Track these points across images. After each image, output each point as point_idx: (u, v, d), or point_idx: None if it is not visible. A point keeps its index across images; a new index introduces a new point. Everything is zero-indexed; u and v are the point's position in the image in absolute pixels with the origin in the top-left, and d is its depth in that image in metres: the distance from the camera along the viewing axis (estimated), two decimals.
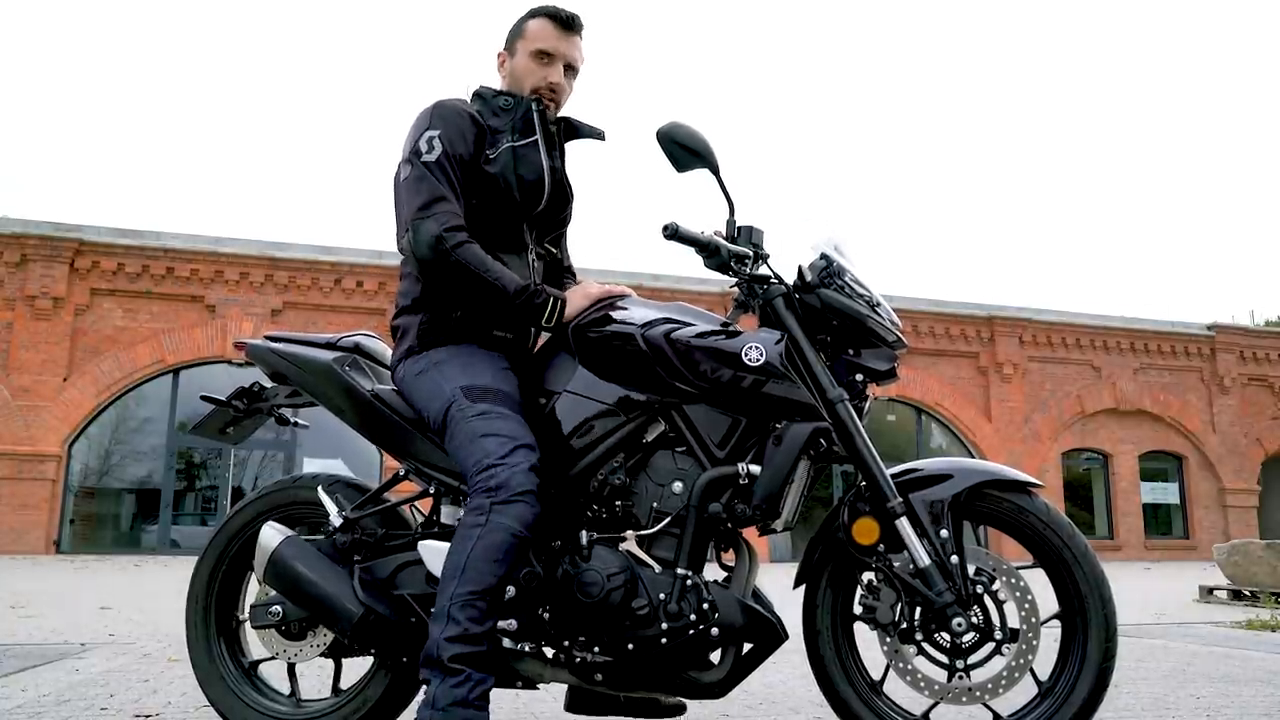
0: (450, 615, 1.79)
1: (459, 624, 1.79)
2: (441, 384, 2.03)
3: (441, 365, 2.06)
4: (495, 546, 1.82)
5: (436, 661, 1.78)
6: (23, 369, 14.13)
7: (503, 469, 1.88)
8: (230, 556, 2.26)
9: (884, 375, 2.00)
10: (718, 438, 1.94)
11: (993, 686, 1.86)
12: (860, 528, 1.91)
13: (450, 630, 1.78)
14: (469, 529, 1.85)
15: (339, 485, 2.21)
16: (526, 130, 2.17)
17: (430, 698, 1.77)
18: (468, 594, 1.80)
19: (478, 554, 1.82)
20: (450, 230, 2.00)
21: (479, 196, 2.11)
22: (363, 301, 15.79)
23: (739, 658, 1.92)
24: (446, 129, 2.08)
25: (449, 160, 2.06)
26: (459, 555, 1.84)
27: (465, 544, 1.84)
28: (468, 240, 2.02)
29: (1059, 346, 19.92)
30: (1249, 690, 3.21)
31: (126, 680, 3.12)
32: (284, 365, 2.23)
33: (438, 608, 1.82)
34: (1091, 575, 1.86)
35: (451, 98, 2.18)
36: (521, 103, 2.19)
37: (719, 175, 2.01)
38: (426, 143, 2.06)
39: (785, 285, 2.03)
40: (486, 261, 2.02)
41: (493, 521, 1.83)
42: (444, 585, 1.84)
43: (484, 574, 1.82)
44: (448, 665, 1.77)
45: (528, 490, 1.87)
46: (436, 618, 1.81)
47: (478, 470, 1.89)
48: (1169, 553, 19.61)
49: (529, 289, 2.03)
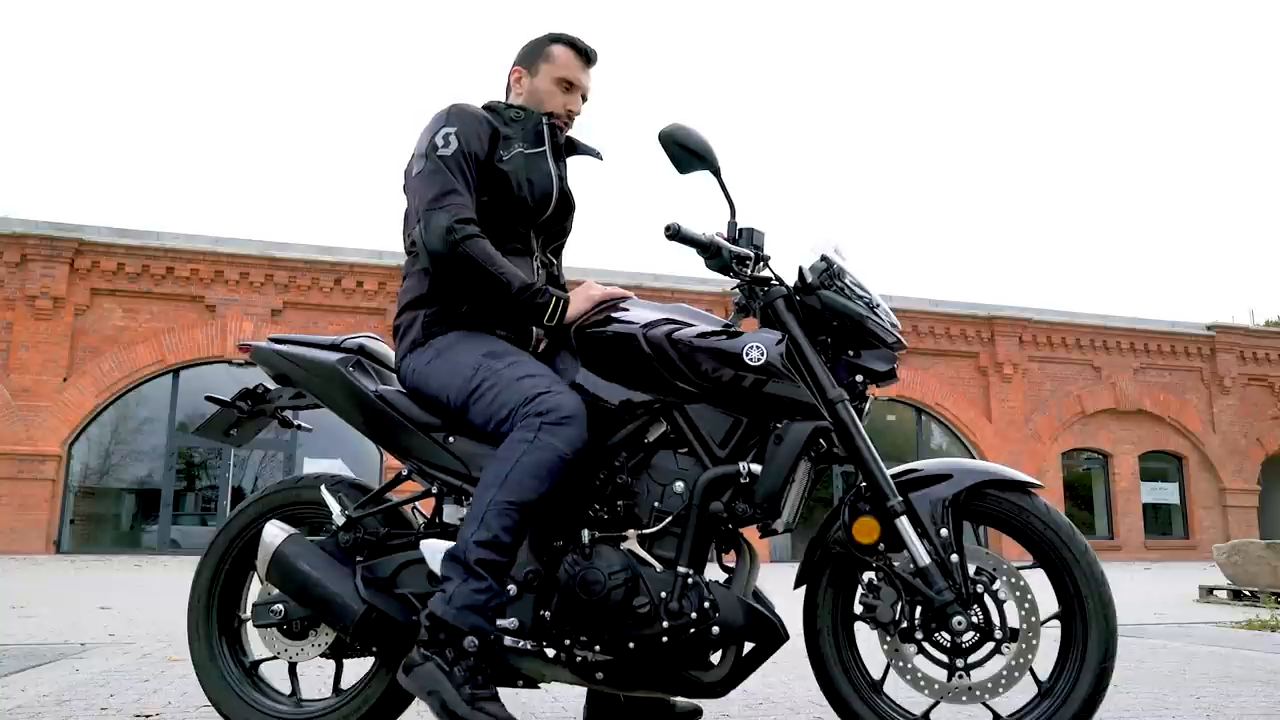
0: (484, 520, 1.86)
1: (491, 530, 1.85)
2: (458, 360, 2.06)
3: (454, 346, 2.09)
4: (540, 464, 1.88)
5: (463, 562, 1.85)
6: (23, 369, 14.13)
7: (551, 395, 1.94)
8: (232, 557, 2.26)
9: (884, 376, 2.01)
10: (719, 437, 1.95)
11: (992, 686, 1.86)
12: (860, 527, 1.91)
13: (481, 534, 1.85)
14: (517, 443, 1.90)
15: (342, 485, 2.22)
16: (537, 142, 2.23)
17: (448, 595, 1.83)
18: (506, 503, 1.86)
19: (523, 467, 1.87)
20: (461, 222, 2.04)
21: (491, 194, 2.14)
22: (363, 301, 15.79)
23: (740, 657, 1.93)
24: (463, 127, 2.13)
25: (464, 157, 2.10)
26: (503, 466, 1.89)
27: (511, 456, 1.89)
28: (478, 234, 2.05)
29: (1059, 346, 19.92)
30: (1249, 690, 3.21)
31: (126, 680, 3.13)
32: (288, 367, 2.24)
33: (473, 511, 1.88)
34: (1091, 575, 1.86)
35: (466, 102, 2.23)
36: (533, 116, 2.26)
37: (720, 177, 2.03)
38: (443, 138, 2.11)
39: (786, 287, 2.04)
40: (494, 256, 2.05)
41: (541, 439, 1.89)
42: (482, 492, 1.89)
43: (525, 488, 1.87)
44: (473, 567, 1.84)
45: (578, 415, 1.93)
46: (470, 521, 1.88)
47: (524, 402, 1.94)
48: (1169, 553, 19.61)
49: (533, 286, 2.06)
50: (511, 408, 1.96)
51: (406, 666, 1.86)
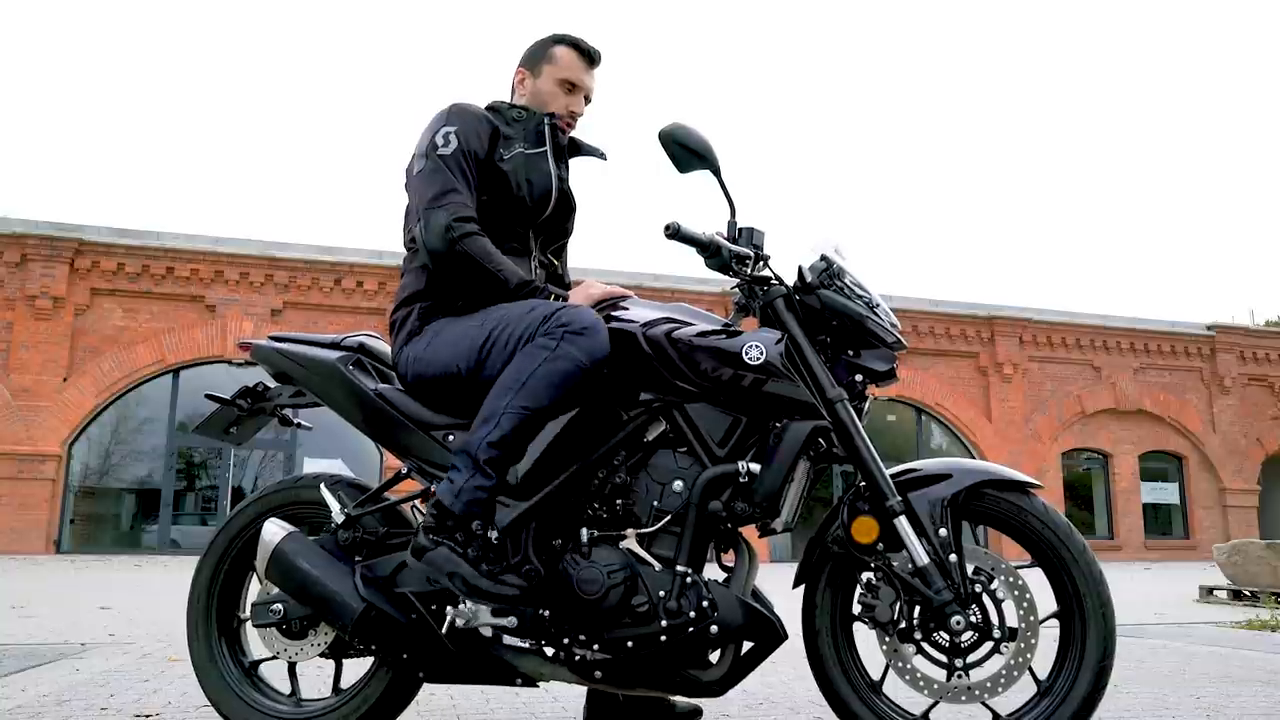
0: (499, 421, 1.89)
1: (504, 430, 1.89)
2: (459, 329, 2.07)
3: (449, 324, 2.10)
4: (558, 373, 1.90)
5: (474, 458, 1.89)
6: (23, 369, 14.13)
7: (568, 309, 1.96)
8: (232, 556, 2.26)
9: (883, 376, 2.01)
10: (718, 436, 1.95)
11: (991, 685, 1.86)
12: (859, 526, 1.91)
13: (494, 435, 1.89)
14: (537, 349, 1.92)
15: (341, 484, 2.22)
16: (538, 142, 2.24)
17: (456, 487, 1.89)
18: (521, 407, 1.89)
19: (541, 374, 1.90)
20: (460, 220, 2.05)
21: (491, 193, 2.15)
22: (363, 301, 15.79)
23: (738, 656, 1.93)
24: (463, 126, 2.14)
25: (464, 156, 2.11)
26: (522, 370, 1.91)
27: (530, 362, 1.91)
28: (476, 232, 2.06)
29: (1059, 346, 19.92)
30: (1249, 690, 3.22)
31: (126, 680, 3.13)
32: (289, 365, 2.24)
33: (488, 411, 1.91)
34: (1089, 574, 1.86)
35: (466, 101, 2.23)
36: (535, 116, 2.27)
37: (720, 177, 2.03)
38: (443, 137, 2.12)
39: (785, 286, 2.05)
40: (492, 253, 2.07)
41: (563, 349, 1.91)
42: (498, 393, 1.92)
43: (540, 394, 1.89)
44: (482, 465, 1.89)
45: (597, 324, 1.94)
46: (485, 421, 1.90)
47: (544, 320, 1.95)
48: (1169, 553, 19.61)
49: (530, 284, 2.08)
50: (530, 330, 1.96)
51: (417, 551, 1.91)
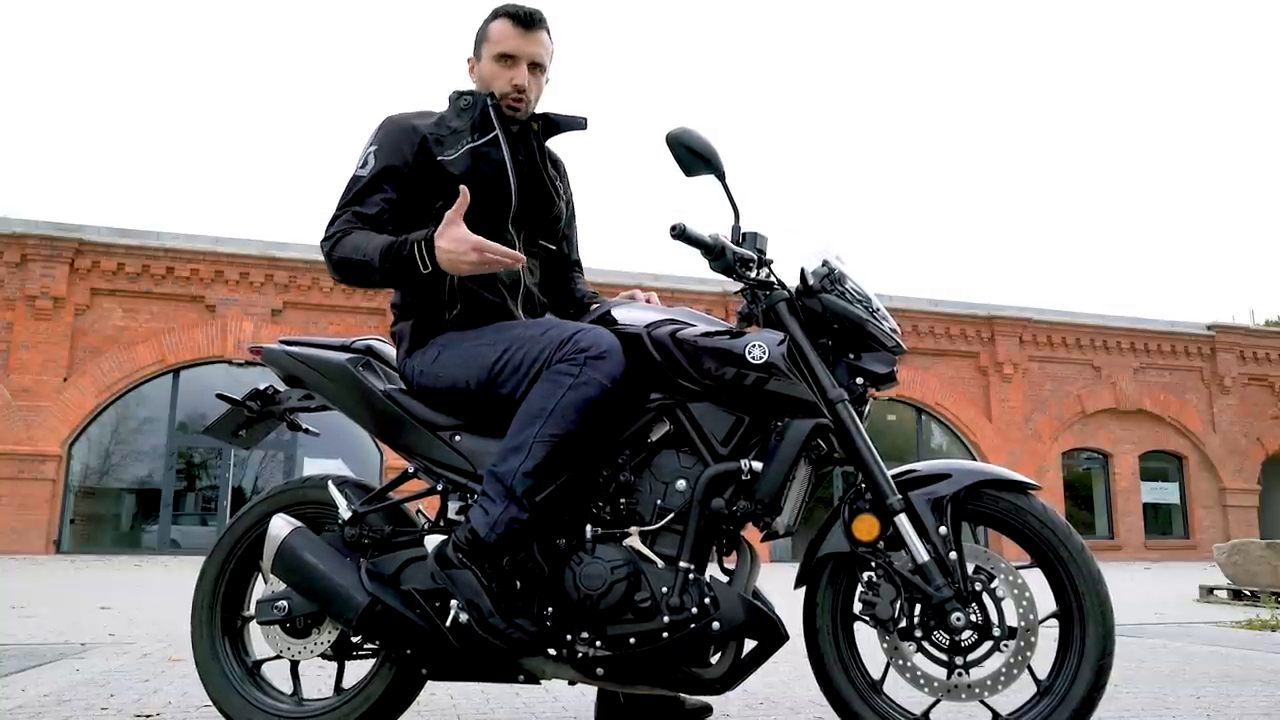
0: (531, 450, 1.88)
1: (537, 459, 1.88)
2: (470, 346, 2.06)
3: (459, 339, 2.09)
4: (585, 399, 1.90)
5: (508, 489, 1.88)
6: (23, 369, 14.13)
7: (586, 333, 1.95)
8: (238, 556, 2.27)
9: (883, 379, 2.02)
10: (721, 435, 1.97)
11: (991, 684, 1.87)
12: (860, 524, 1.93)
13: (528, 464, 1.88)
14: (561, 376, 1.91)
15: (348, 484, 2.23)
16: (485, 127, 2.15)
17: (492, 518, 1.87)
18: (551, 435, 1.89)
19: (568, 401, 1.89)
20: (327, 239, 2.05)
21: (445, 198, 2.06)
22: (362, 301, 15.80)
23: (740, 655, 1.94)
24: (384, 143, 2.11)
25: (383, 173, 2.09)
26: (548, 399, 1.90)
27: (556, 390, 1.90)
28: (340, 233, 2.05)
29: (1059, 346, 19.93)
30: (1249, 690, 3.22)
31: (126, 680, 3.13)
32: (299, 368, 2.25)
33: (518, 441, 1.90)
34: (1088, 574, 1.87)
35: (402, 111, 2.19)
36: (478, 100, 2.18)
37: (725, 181, 2.04)
38: (363, 158, 2.12)
39: (787, 290, 2.07)
40: (356, 243, 2.02)
41: (585, 374, 1.90)
42: (525, 423, 1.91)
43: (569, 421, 1.89)
44: (519, 496, 1.88)
45: (615, 347, 1.94)
46: (517, 451, 1.89)
47: (560, 345, 1.94)
48: (1169, 553, 19.62)
49: (391, 246, 1.96)
50: (547, 355, 1.96)
51: (442, 561, 1.90)
